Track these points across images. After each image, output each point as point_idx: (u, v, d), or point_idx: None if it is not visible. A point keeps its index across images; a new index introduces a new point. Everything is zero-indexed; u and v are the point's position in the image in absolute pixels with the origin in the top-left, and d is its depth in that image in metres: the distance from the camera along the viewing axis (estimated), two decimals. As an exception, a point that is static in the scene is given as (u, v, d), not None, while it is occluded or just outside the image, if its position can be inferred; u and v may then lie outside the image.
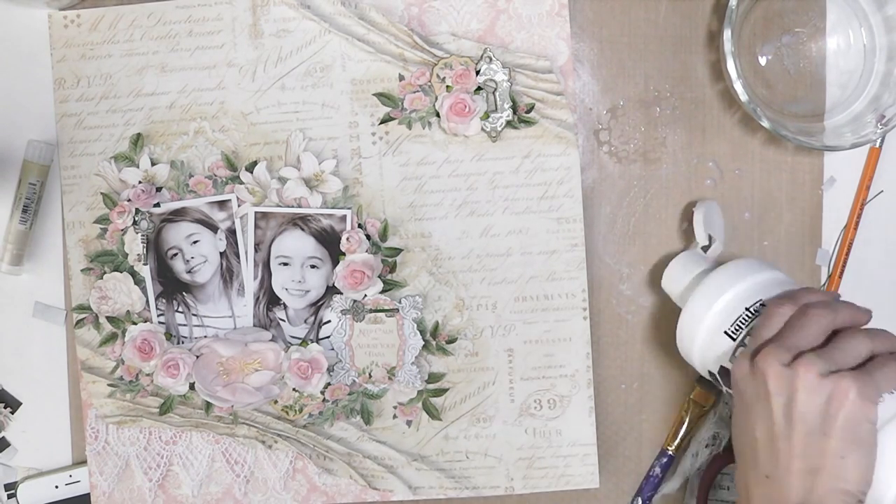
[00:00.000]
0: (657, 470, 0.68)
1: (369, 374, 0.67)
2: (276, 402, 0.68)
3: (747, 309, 0.59)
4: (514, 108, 0.66)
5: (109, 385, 0.68)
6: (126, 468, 0.69)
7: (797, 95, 0.68)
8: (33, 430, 0.70)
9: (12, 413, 0.70)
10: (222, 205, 0.68)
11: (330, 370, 0.67)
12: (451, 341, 0.68)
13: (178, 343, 0.68)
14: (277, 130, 0.68)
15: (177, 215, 0.68)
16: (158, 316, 0.68)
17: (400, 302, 0.67)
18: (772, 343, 0.54)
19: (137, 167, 0.68)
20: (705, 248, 0.65)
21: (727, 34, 0.63)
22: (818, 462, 0.51)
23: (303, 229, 0.67)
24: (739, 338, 0.58)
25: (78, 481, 0.70)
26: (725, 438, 0.69)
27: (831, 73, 0.68)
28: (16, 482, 0.70)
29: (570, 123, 0.67)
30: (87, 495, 0.69)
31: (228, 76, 0.68)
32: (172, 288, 0.68)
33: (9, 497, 0.70)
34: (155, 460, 0.69)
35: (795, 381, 0.52)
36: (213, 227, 0.68)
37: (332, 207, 0.67)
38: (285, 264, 0.68)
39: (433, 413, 0.68)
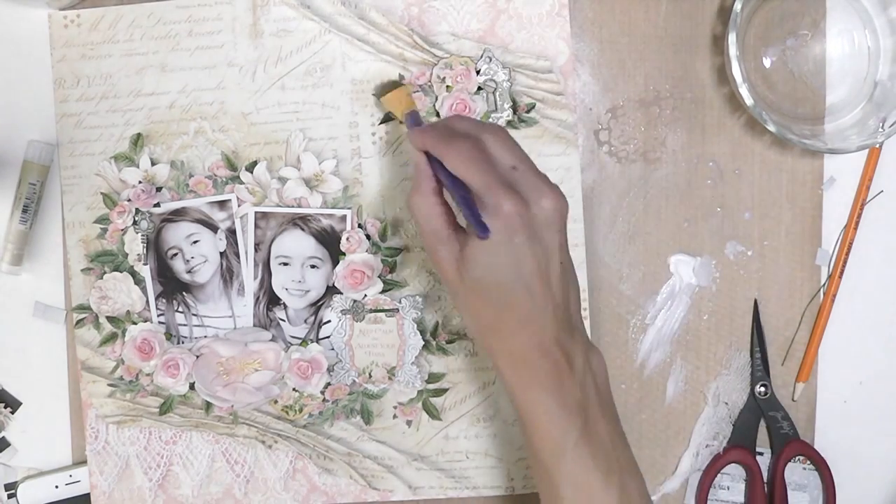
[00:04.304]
0: None
1: (369, 374, 0.67)
2: (276, 402, 0.68)
3: None
4: (515, 108, 0.66)
5: (109, 385, 0.69)
6: (126, 468, 0.69)
7: (801, 98, 0.68)
8: (33, 430, 0.70)
9: (12, 413, 0.70)
10: (222, 205, 0.68)
11: (330, 370, 0.67)
12: (451, 341, 0.68)
13: (178, 343, 0.68)
14: (277, 130, 0.68)
15: (177, 215, 0.68)
16: (158, 316, 0.68)
17: (400, 302, 0.67)
18: None
19: (137, 167, 0.68)
20: None
21: (732, 38, 0.62)
22: None
23: (303, 229, 0.67)
24: None
25: (78, 481, 0.69)
26: (726, 438, 0.69)
27: (835, 76, 0.68)
28: (16, 482, 0.70)
29: (570, 123, 0.67)
30: (87, 495, 0.69)
31: (228, 76, 0.68)
32: (172, 288, 0.68)
33: (9, 497, 0.70)
34: (155, 460, 0.69)
35: None
36: (213, 227, 0.68)
37: (332, 207, 0.67)
38: (285, 264, 0.68)
39: (433, 413, 0.68)
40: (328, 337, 0.68)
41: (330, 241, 0.67)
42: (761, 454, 0.69)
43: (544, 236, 0.52)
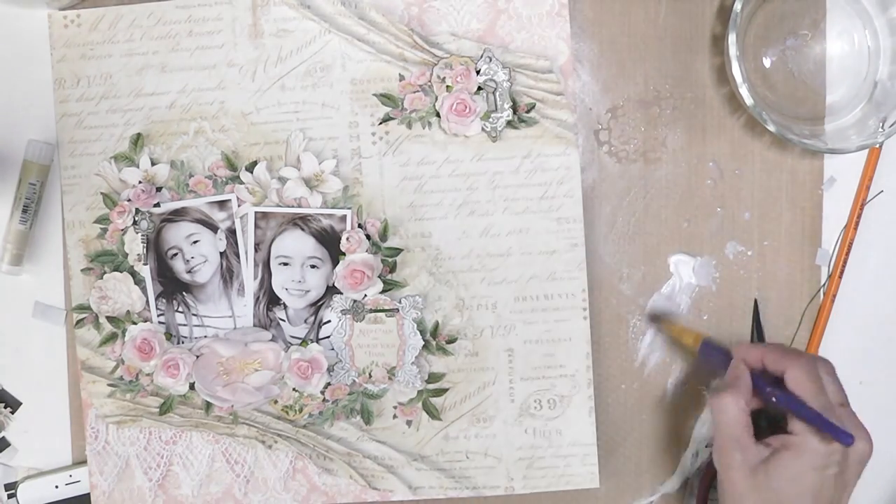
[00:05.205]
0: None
1: (369, 374, 0.67)
2: (276, 402, 0.68)
3: None
4: (515, 108, 0.66)
5: (109, 385, 0.69)
6: (126, 468, 0.69)
7: (801, 98, 0.68)
8: (33, 430, 0.70)
9: (12, 413, 0.70)
10: (222, 205, 0.68)
11: (330, 370, 0.67)
12: (451, 341, 0.68)
13: (178, 343, 0.68)
14: (277, 130, 0.68)
15: (177, 215, 0.68)
16: (158, 316, 0.68)
17: (400, 302, 0.67)
18: None
19: (137, 167, 0.68)
20: None
21: (732, 38, 0.62)
22: None
23: (303, 229, 0.67)
24: None
25: (78, 481, 0.70)
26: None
27: (835, 76, 0.68)
28: (16, 482, 0.70)
29: (570, 123, 0.67)
30: (87, 495, 0.69)
31: (228, 76, 0.68)
32: (172, 288, 0.68)
33: (9, 497, 0.70)
34: (155, 460, 0.69)
35: None
36: (213, 227, 0.68)
37: (332, 207, 0.67)
38: (285, 264, 0.68)
39: (433, 413, 0.68)
40: (328, 337, 0.68)
41: (330, 241, 0.67)
42: (761, 454, 0.69)
43: (849, 476, 0.56)
